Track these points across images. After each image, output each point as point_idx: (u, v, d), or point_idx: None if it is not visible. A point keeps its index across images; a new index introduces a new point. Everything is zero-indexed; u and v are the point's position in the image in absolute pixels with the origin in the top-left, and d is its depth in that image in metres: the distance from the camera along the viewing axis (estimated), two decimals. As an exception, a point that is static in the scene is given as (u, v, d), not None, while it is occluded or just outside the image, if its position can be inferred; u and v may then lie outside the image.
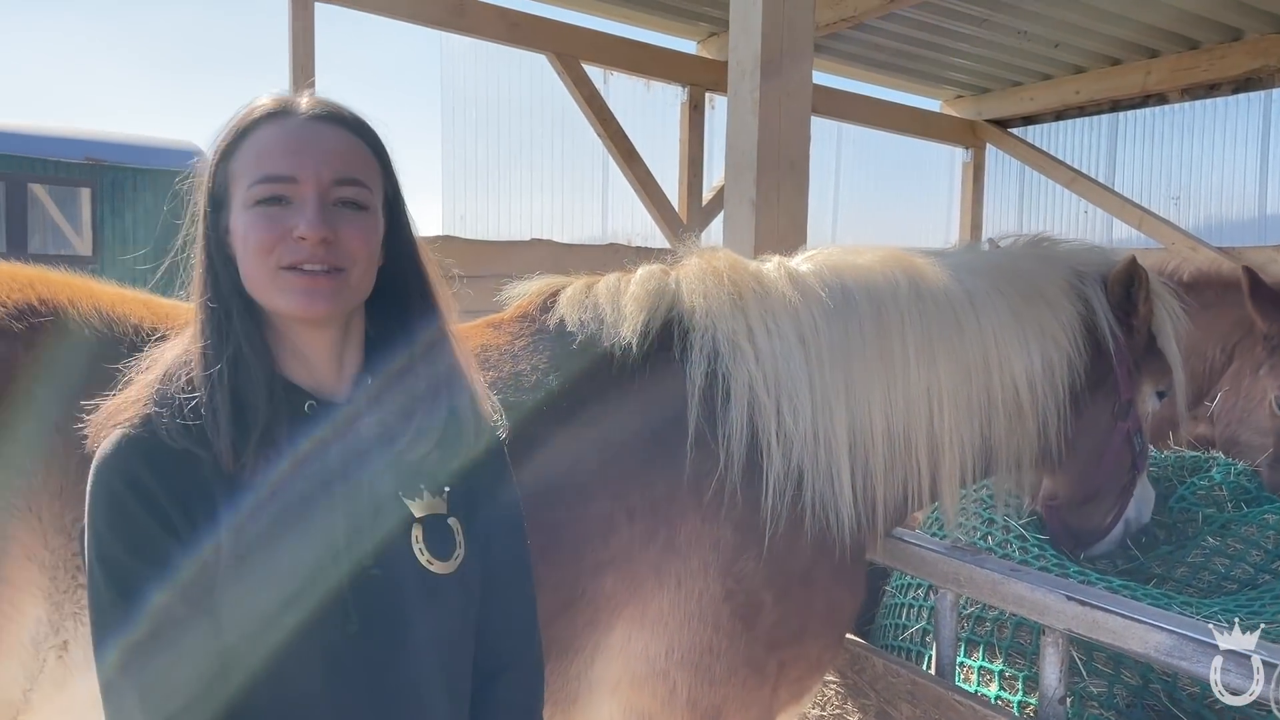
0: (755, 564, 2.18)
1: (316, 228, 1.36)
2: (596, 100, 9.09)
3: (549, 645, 2.04)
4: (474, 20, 8.35)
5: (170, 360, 1.44)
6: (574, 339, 2.22)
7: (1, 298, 1.83)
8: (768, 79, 3.20)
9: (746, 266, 2.37)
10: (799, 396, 2.24)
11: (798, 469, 2.21)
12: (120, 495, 1.33)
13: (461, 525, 1.54)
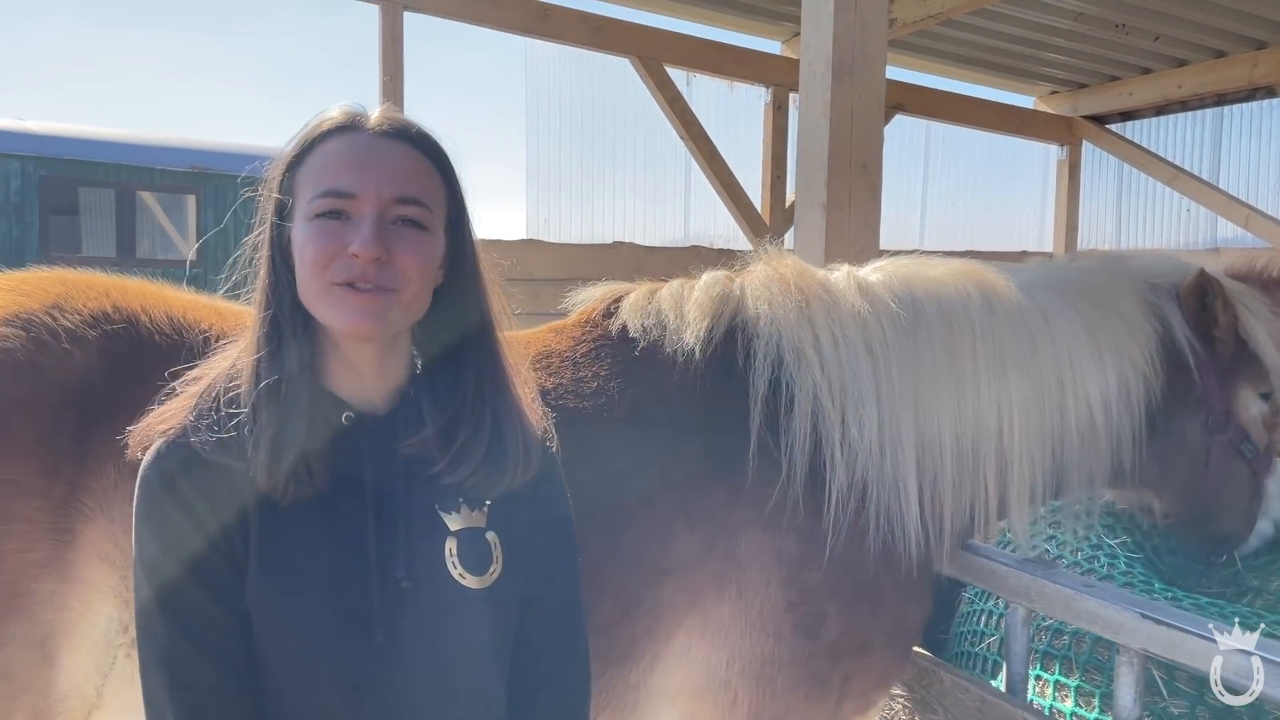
0: (818, 575, 2.15)
1: (370, 246, 1.36)
2: (679, 102, 9.10)
3: (607, 652, 2.05)
4: (558, 25, 8.43)
5: (218, 372, 1.47)
6: (636, 345, 2.22)
7: (78, 305, 1.90)
8: (839, 81, 3.16)
9: (814, 274, 2.35)
10: (865, 407, 2.21)
11: (862, 480, 2.19)
12: (159, 500, 1.38)
13: (500, 540, 1.52)
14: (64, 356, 1.83)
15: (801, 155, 3.30)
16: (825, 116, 3.18)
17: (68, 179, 13.60)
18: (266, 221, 1.47)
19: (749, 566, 2.12)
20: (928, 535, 2.27)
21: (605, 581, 2.03)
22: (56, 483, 1.77)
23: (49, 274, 1.98)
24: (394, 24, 7.62)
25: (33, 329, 1.84)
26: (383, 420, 1.47)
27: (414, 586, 1.43)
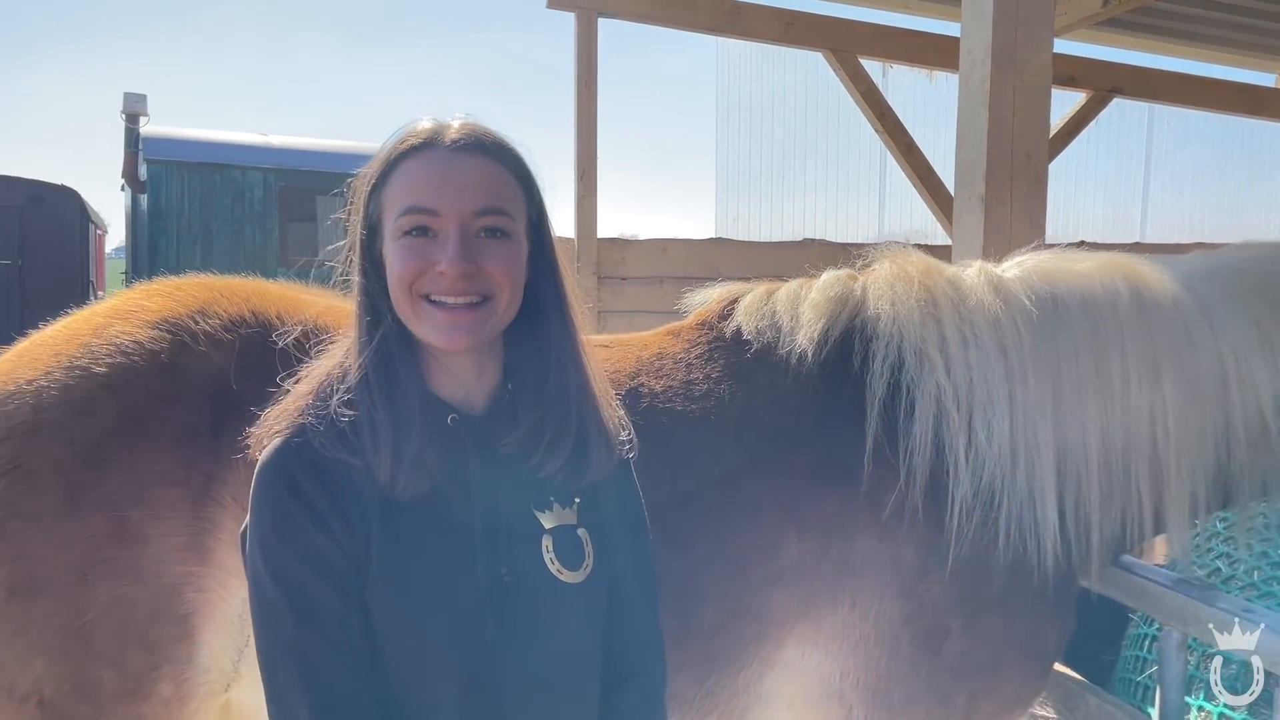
0: (939, 588, 2.06)
1: (456, 263, 1.40)
2: (874, 94, 8.86)
3: (713, 656, 2.03)
4: (750, 23, 8.39)
5: (323, 374, 1.54)
6: (749, 347, 2.18)
7: (219, 310, 2.06)
8: (1000, 67, 2.99)
9: (942, 271, 2.24)
10: (995, 412, 2.09)
11: (990, 489, 2.07)
12: (282, 500, 1.42)
13: (590, 536, 1.55)
14: (203, 358, 1.99)
15: (959, 146, 3.14)
16: (984, 105, 3.02)
17: (305, 189, 14.77)
18: (356, 235, 1.53)
19: (863, 576, 2.05)
20: (1070, 549, 2.12)
21: (710, 585, 2.01)
22: (195, 474, 1.92)
23: (199, 280, 2.16)
24: (588, 30, 7.78)
25: (178, 332, 2.01)
26: (481, 420, 1.52)
27: (514, 582, 1.47)
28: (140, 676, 1.93)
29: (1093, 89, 8.96)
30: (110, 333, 2.00)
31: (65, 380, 1.93)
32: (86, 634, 1.88)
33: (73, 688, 1.89)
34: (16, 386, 1.94)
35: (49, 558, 1.87)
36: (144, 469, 1.91)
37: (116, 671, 1.91)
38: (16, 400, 1.92)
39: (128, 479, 1.90)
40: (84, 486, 1.89)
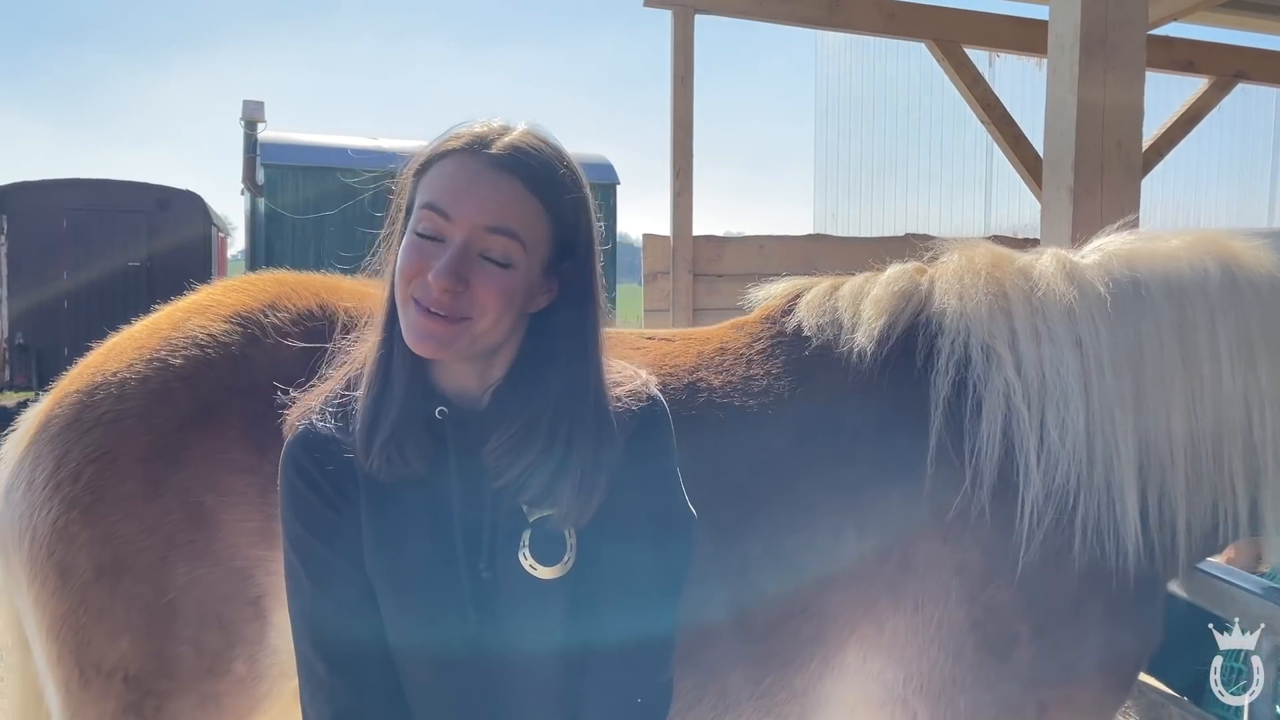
0: (1007, 593, 1.99)
1: (442, 277, 1.39)
2: (980, 85, 8.62)
3: (768, 655, 2.01)
4: (850, 15, 8.25)
5: (355, 358, 1.60)
6: (810, 343, 2.15)
7: (289, 304, 2.13)
8: (1089, 52, 2.88)
9: (1013, 262, 2.16)
10: (1069, 408, 2.01)
11: (1063, 489, 1.99)
12: (293, 481, 1.53)
13: (578, 530, 1.51)
14: (272, 350, 2.06)
15: (1047, 135, 3.03)
16: (1072, 91, 2.91)
17: (414, 190, 15.10)
18: (396, 223, 1.55)
19: (926, 579, 2.00)
20: (1153, 550, 2.03)
21: (765, 584, 1.99)
22: (265, 461, 1.99)
23: (271, 275, 2.24)
24: (685, 27, 7.77)
25: (249, 325, 2.09)
26: (477, 415, 1.52)
27: (491, 577, 1.49)
28: (217, 655, 2.00)
29: (1214, 74, 8.55)
30: (188, 326, 2.09)
31: (145, 372, 2.03)
32: (168, 613, 1.97)
33: (155, 665, 1.98)
34: (104, 379, 2.04)
35: (133, 540, 1.96)
36: (217, 457, 1.99)
37: (195, 649, 1.99)
38: (103, 391, 2.02)
39: (202, 466, 1.98)
40: (163, 473, 1.97)
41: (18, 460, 2.05)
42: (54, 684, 2.02)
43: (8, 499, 2.05)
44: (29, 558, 1.98)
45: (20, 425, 2.13)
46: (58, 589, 1.95)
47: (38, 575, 1.97)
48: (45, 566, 1.96)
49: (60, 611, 1.96)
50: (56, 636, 1.97)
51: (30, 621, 2.04)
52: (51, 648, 1.99)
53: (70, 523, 1.95)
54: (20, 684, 2.20)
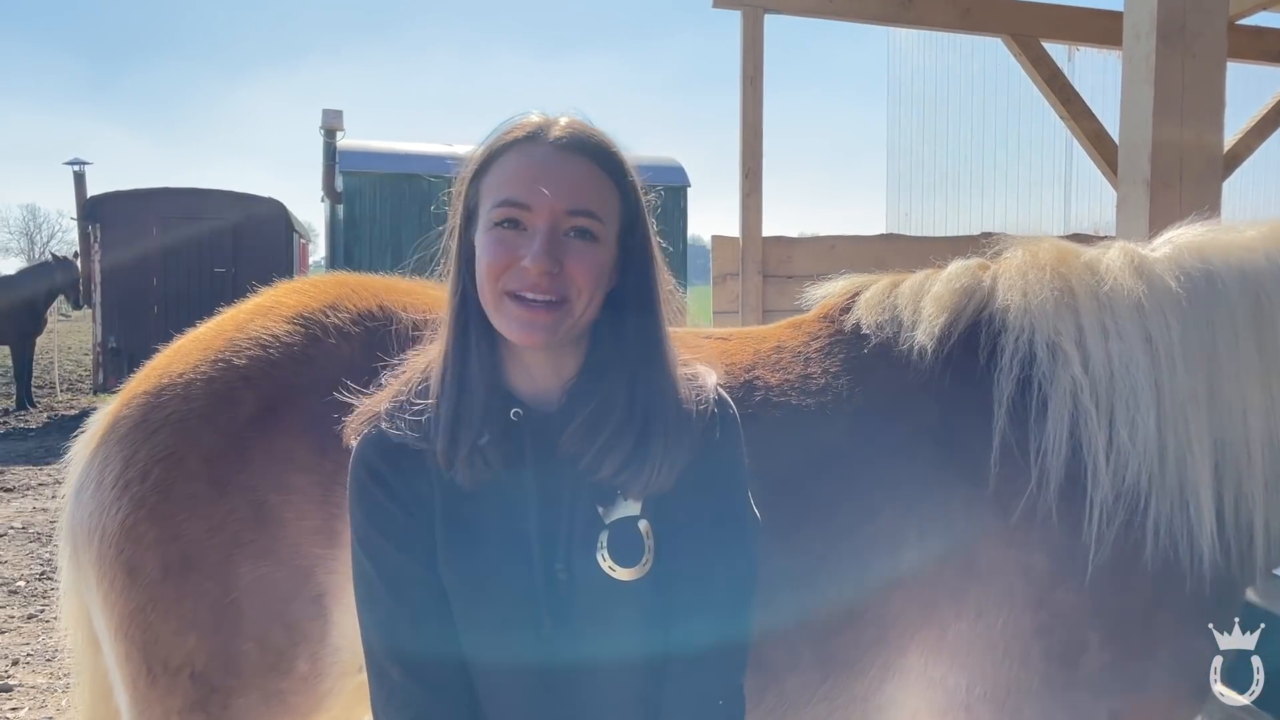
0: (1075, 597, 1.93)
1: (540, 259, 1.41)
2: (1058, 80, 8.41)
3: (826, 659, 1.98)
4: (923, 11, 8.11)
5: (417, 366, 1.60)
6: (869, 342, 2.11)
7: (349, 305, 2.15)
8: (1167, 41, 2.78)
9: (1078, 257, 2.09)
10: (1139, 406, 1.94)
11: (1134, 490, 1.92)
12: (365, 484, 1.53)
13: (655, 530, 1.51)
14: (333, 350, 2.09)
15: (1123, 128, 2.93)
16: (1149, 82, 2.81)
17: (489, 195, 15.30)
18: (456, 225, 1.56)
19: (990, 583, 1.94)
20: (1228, 554, 1.95)
21: (825, 586, 1.95)
22: (325, 460, 2.01)
23: (332, 277, 2.27)
24: (754, 27, 7.72)
25: (311, 326, 2.12)
26: (552, 416, 1.53)
27: (569, 579, 1.48)
28: (280, 652, 2.03)
29: (1309, 65, 8.22)
30: (251, 328, 2.12)
31: (210, 373, 2.07)
32: (233, 611, 2.00)
33: (221, 662, 2.01)
34: (170, 380, 2.09)
35: (199, 539, 1.99)
36: (280, 456, 2.01)
37: (259, 647, 2.02)
38: (169, 393, 2.07)
39: (266, 465, 2.01)
40: (227, 472, 2.01)
41: (87, 460, 2.11)
42: (122, 681, 2.06)
43: (77, 499, 2.10)
44: (98, 556, 2.03)
45: (89, 427, 2.19)
46: (126, 587, 2.00)
47: (107, 574, 2.02)
48: (114, 565, 2.00)
49: (129, 609, 2.00)
50: (125, 634, 2.01)
51: (99, 619, 2.08)
52: (120, 645, 2.03)
53: (138, 522, 1.99)
54: (90, 681, 2.25)
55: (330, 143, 17.50)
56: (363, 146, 17.08)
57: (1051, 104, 8.45)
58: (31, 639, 5.85)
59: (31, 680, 5.25)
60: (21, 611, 6.33)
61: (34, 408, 15.45)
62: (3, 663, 5.48)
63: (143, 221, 15.30)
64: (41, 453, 11.67)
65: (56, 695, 5.05)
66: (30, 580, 6.95)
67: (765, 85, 7.64)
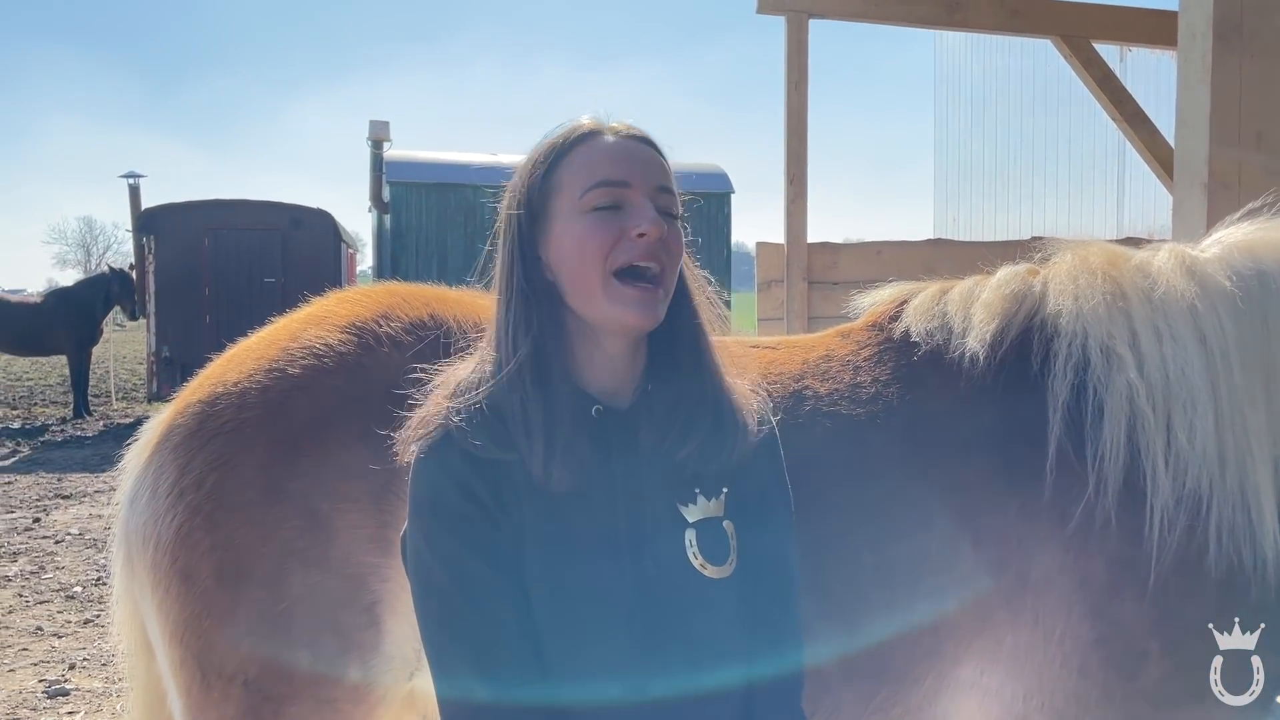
0: (1136, 606, 1.89)
1: (658, 223, 1.45)
2: (1110, 81, 8.29)
3: (881, 669, 1.96)
4: (970, 13, 8.04)
5: (463, 377, 1.57)
6: (918, 349, 2.08)
7: (401, 314, 2.17)
8: (1224, 40, 2.72)
9: (1129, 260, 2.06)
10: (1197, 408, 1.90)
11: (1194, 494, 1.88)
12: (446, 494, 1.47)
13: (736, 529, 1.54)
14: (385, 359, 2.10)
15: (1179, 128, 2.88)
16: (1205, 83, 2.75)
17: (533, 204, 15.43)
18: (514, 229, 1.55)
19: (1047, 592, 1.91)
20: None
21: (878, 595, 1.93)
22: (378, 469, 2.02)
23: (383, 287, 2.29)
24: (799, 33, 7.68)
25: (363, 335, 2.13)
26: (625, 413, 1.54)
27: (659, 576, 1.49)
28: (332, 660, 2.04)
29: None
30: (305, 337, 2.14)
31: (265, 382, 2.09)
32: (286, 619, 2.01)
33: (273, 669, 2.02)
34: (224, 389, 2.11)
35: (253, 546, 2.01)
36: (333, 464, 2.02)
37: (311, 654, 2.03)
38: (224, 401, 2.09)
39: (319, 474, 2.02)
40: (281, 480, 2.02)
41: (141, 468, 2.14)
42: (176, 687, 2.08)
43: (132, 506, 2.13)
44: (153, 563, 2.05)
45: (142, 435, 2.22)
46: (181, 594, 2.01)
47: (161, 581, 2.04)
48: (169, 572, 2.02)
49: (183, 616, 2.02)
50: (180, 641, 2.03)
51: (153, 626, 2.10)
52: (174, 652, 2.05)
53: (193, 529, 2.01)
54: (144, 687, 2.27)
55: (377, 153, 17.71)
56: (409, 157, 17.27)
57: (1103, 106, 8.31)
58: (88, 644, 5.96)
59: (88, 685, 5.35)
60: (78, 616, 6.45)
61: (90, 416, 15.79)
62: (59, 667, 5.59)
63: (195, 233, 15.60)
64: (98, 460, 11.92)
65: (112, 700, 5.14)
66: (86, 586, 7.09)
67: (810, 90, 7.59)
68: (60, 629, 6.23)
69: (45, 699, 5.15)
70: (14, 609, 6.59)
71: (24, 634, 6.12)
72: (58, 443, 13.64)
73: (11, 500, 9.88)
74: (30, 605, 6.68)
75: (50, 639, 6.05)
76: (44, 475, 11.16)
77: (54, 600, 6.79)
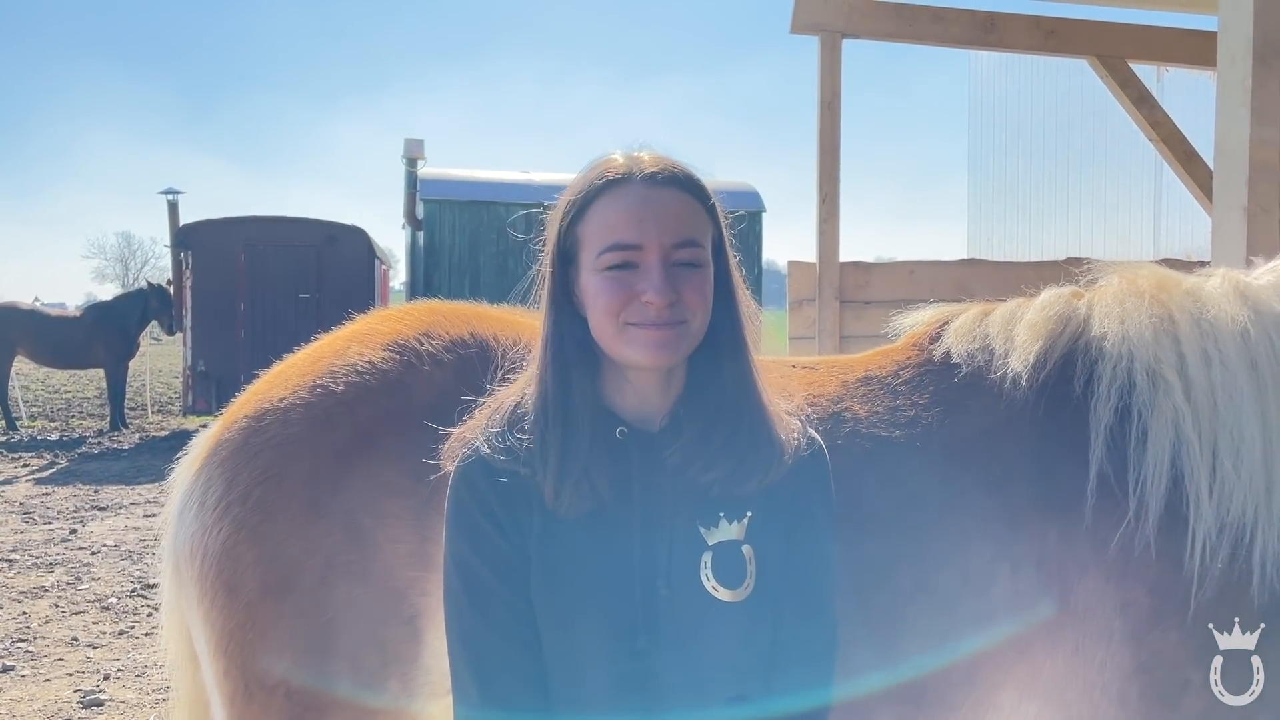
0: (1177, 634, 1.87)
1: (663, 293, 1.48)
2: (1147, 101, 8.24)
3: (918, 696, 1.95)
4: (1005, 34, 8.03)
5: (508, 398, 1.64)
6: (959, 371, 2.08)
7: (442, 332, 2.20)
8: (1264, 63, 2.71)
9: (1179, 284, 2.05)
10: (1244, 436, 1.89)
11: (1239, 522, 1.87)
12: (465, 505, 1.58)
13: (756, 554, 1.55)
14: (427, 376, 2.13)
15: (1218, 152, 2.86)
16: (1245, 105, 2.74)
17: (565, 222, 15.51)
18: (549, 267, 1.62)
19: (1087, 619, 1.90)
20: None
21: (913, 621, 1.93)
22: (420, 485, 2.03)
23: (425, 305, 2.31)
24: (832, 53, 7.70)
25: (405, 353, 2.16)
26: (654, 436, 1.58)
27: (670, 595, 1.52)
28: (373, 673, 2.06)
29: None
30: (349, 354, 2.17)
31: (310, 398, 2.12)
32: (328, 632, 2.03)
33: (315, 681, 2.05)
34: (270, 405, 2.14)
35: (297, 560, 2.04)
36: (375, 480, 2.05)
37: (352, 667, 2.05)
38: (270, 417, 2.13)
39: (362, 489, 2.05)
40: (325, 495, 2.05)
41: (190, 482, 2.17)
42: (220, 697, 2.11)
43: (180, 519, 2.16)
44: (199, 575, 2.08)
45: (192, 449, 2.26)
46: (226, 606, 2.05)
47: (207, 592, 2.07)
48: (215, 584, 2.06)
49: (228, 628, 2.05)
50: (224, 651, 2.06)
51: (199, 636, 2.13)
52: (219, 662, 2.08)
53: (239, 543, 2.04)
54: (189, 696, 2.30)
55: (412, 171, 17.88)
56: (443, 174, 17.43)
57: (1140, 126, 8.27)
58: (122, 654, 6.03)
59: (121, 695, 5.41)
60: (113, 627, 6.53)
61: (126, 429, 16.00)
62: (94, 677, 5.65)
63: (231, 248, 15.79)
64: (134, 472, 12.08)
65: (145, 710, 5.19)
66: (121, 597, 7.17)
67: (843, 109, 7.60)
68: (95, 639, 6.30)
69: (80, 709, 5.21)
70: (50, 619, 6.68)
71: (60, 644, 6.20)
72: (94, 455, 13.83)
73: (49, 511, 10.02)
74: (66, 616, 6.76)
75: (85, 649, 6.12)
76: (81, 487, 11.31)
77: (89, 611, 6.87)
